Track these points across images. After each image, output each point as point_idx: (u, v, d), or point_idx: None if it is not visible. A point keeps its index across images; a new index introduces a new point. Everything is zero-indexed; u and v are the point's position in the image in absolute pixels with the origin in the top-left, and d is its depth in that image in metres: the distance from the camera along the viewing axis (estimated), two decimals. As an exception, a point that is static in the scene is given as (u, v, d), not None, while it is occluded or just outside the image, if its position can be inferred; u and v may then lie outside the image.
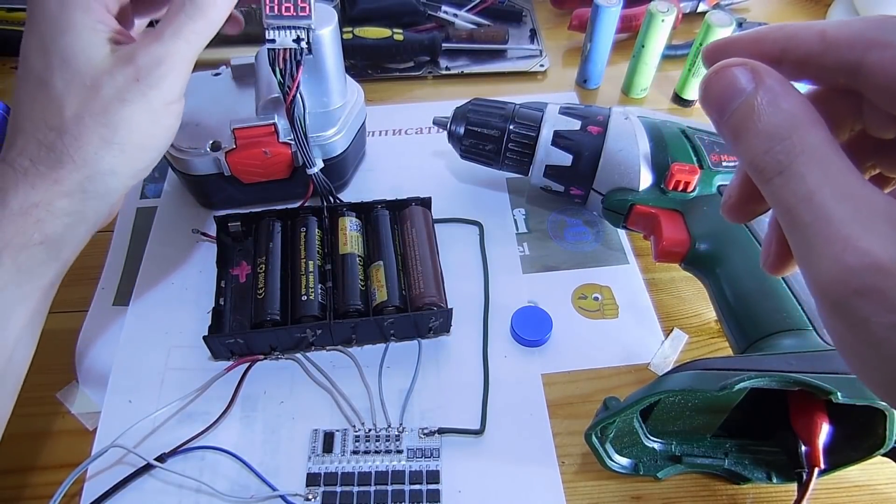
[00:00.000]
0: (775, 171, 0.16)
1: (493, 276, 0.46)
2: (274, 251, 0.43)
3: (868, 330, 0.15)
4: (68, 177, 0.29)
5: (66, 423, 0.39)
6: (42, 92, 0.29)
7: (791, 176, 0.16)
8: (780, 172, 0.16)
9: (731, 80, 0.17)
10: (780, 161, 0.16)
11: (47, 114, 0.29)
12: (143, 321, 0.43)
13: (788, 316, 0.34)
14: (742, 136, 0.17)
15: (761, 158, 0.16)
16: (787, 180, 0.16)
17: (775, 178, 0.16)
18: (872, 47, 0.16)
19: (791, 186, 0.16)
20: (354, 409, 0.39)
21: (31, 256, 0.29)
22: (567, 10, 0.66)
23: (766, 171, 0.16)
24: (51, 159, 0.29)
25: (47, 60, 0.29)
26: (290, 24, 0.37)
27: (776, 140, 0.16)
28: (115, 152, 0.30)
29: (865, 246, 0.15)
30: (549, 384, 0.41)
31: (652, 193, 0.42)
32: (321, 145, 0.45)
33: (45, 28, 0.29)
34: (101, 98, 0.29)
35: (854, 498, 0.37)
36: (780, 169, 0.16)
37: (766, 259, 0.21)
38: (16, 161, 0.29)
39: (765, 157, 0.16)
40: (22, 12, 0.61)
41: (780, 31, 0.18)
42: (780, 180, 0.16)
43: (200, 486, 0.36)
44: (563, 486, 0.37)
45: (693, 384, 0.30)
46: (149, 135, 0.31)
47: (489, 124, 0.45)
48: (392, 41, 0.58)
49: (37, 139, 0.29)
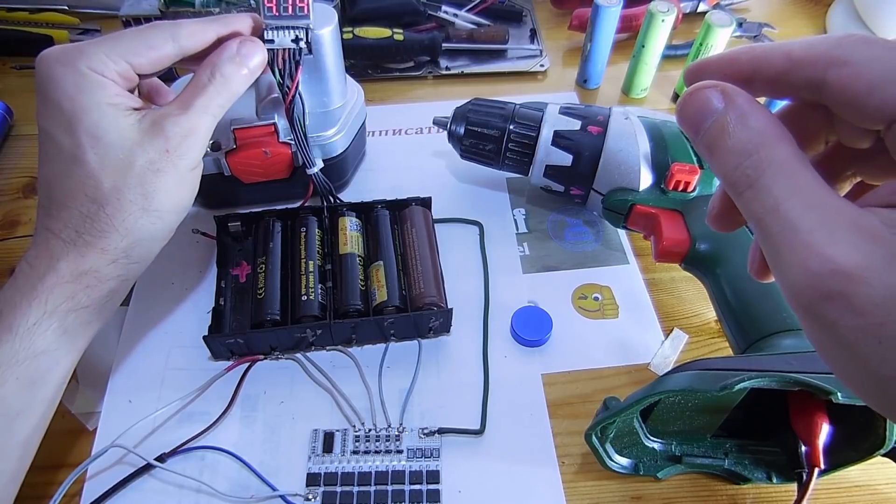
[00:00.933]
0: (745, 185, 0.17)
1: (493, 276, 0.46)
2: (274, 251, 0.43)
3: (838, 333, 0.15)
4: (114, 245, 0.31)
5: (66, 423, 0.39)
6: (77, 167, 0.30)
7: (759, 189, 0.17)
8: (749, 186, 0.17)
9: (704, 101, 0.18)
10: (749, 175, 0.17)
11: (86, 187, 0.30)
12: (143, 321, 0.43)
13: (788, 316, 0.34)
14: (715, 153, 0.18)
15: (732, 173, 0.17)
16: (756, 193, 0.17)
17: (746, 191, 0.17)
18: (832, 65, 0.17)
19: (760, 199, 0.17)
20: (354, 409, 0.39)
21: (78, 318, 0.31)
22: (567, 10, 0.66)
23: (738, 184, 0.17)
24: (96, 229, 0.30)
25: (76, 139, 0.30)
26: (288, 24, 0.37)
27: (744, 156, 0.17)
28: (153, 219, 0.32)
29: (830, 252, 0.15)
30: (549, 384, 0.41)
31: (652, 193, 0.42)
32: (321, 145, 0.45)
33: (68, 109, 0.30)
34: (135, 170, 0.31)
35: (854, 498, 0.37)
36: (749, 183, 0.17)
37: (752, 265, 0.22)
38: (62, 232, 0.30)
39: (735, 171, 0.17)
40: (22, 12, 0.61)
41: (750, 52, 0.19)
42: (750, 193, 0.17)
43: (200, 486, 0.36)
44: (563, 486, 0.37)
45: (693, 384, 0.30)
46: (179, 198, 0.33)
47: (489, 124, 0.45)
48: (392, 41, 0.58)
49: (79, 211, 0.30)
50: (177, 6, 0.59)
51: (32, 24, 0.61)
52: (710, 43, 0.53)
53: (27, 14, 0.61)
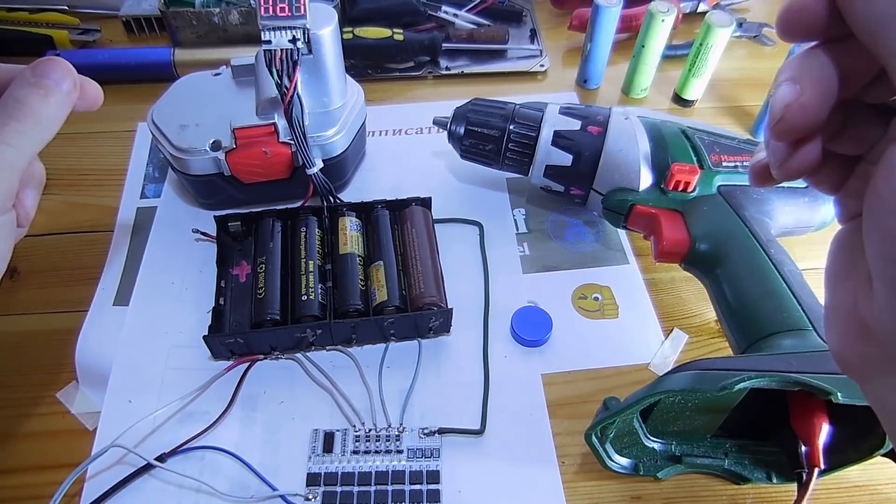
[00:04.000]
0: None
1: (493, 276, 0.46)
2: (274, 251, 0.43)
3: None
4: None
5: (66, 423, 0.39)
6: None
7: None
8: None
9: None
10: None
11: None
12: (143, 321, 0.43)
13: (788, 316, 0.34)
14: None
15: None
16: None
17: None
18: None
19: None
20: (354, 409, 0.39)
21: None
22: (567, 10, 0.66)
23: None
24: None
25: None
26: (285, 24, 0.37)
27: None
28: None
29: None
30: (549, 384, 0.41)
31: (652, 193, 0.42)
32: (321, 145, 0.45)
33: None
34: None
35: (854, 498, 0.37)
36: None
37: (756, 171, 0.20)
38: None
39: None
40: (22, 12, 0.61)
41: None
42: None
43: (200, 486, 0.36)
44: (563, 486, 0.37)
45: (693, 384, 0.30)
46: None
47: (489, 124, 0.45)
48: (392, 41, 0.58)
49: None
50: (177, 6, 0.59)
51: (32, 24, 0.61)
52: (710, 43, 0.53)
53: (27, 14, 0.61)
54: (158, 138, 0.44)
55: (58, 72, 0.28)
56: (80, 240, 0.48)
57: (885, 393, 0.18)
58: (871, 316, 0.17)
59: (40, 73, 0.28)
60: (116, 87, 0.57)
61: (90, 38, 0.62)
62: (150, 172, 0.52)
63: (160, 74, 0.57)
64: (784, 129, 0.17)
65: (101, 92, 0.31)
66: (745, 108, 0.59)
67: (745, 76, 0.62)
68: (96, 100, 0.31)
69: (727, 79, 0.61)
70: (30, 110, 0.27)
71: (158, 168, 0.53)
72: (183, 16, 0.58)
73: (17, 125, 0.27)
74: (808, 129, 0.17)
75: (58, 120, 0.28)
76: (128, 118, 0.56)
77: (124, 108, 0.56)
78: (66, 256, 0.47)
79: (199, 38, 0.60)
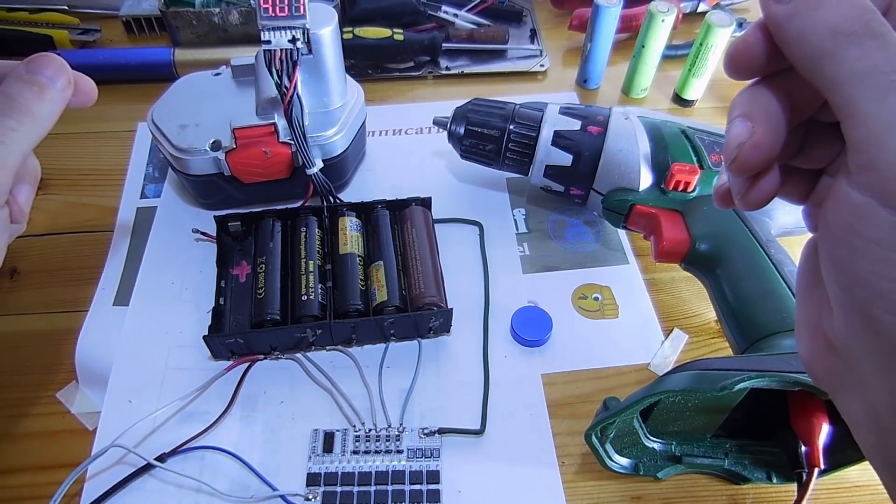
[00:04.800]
0: (867, 35, 0.15)
1: (493, 276, 0.46)
2: (274, 251, 0.43)
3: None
4: None
5: (66, 423, 0.39)
6: None
7: (885, 43, 0.15)
8: (872, 36, 0.15)
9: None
10: (873, 27, 0.15)
11: None
12: (143, 321, 0.43)
13: (788, 316, 0.34)
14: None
15: (850, 23, 0.15)
16: (881, 45, 0.15)
17: (868, 41, 0.15)
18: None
19: (886, 50, 0.15)
20: (354, 409, 0.39)
21: None
22: (567, 10, 0.66)
23: (855, 34, 0.15)
24: None
25: None
26: (285, 24, 0.37)
27: (865, 9, 0.15)
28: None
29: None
30: (549, 384, 0.41)
31: (652, 193, 0.42)
32: (321, 145, 0.45)
33: None
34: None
35: (854, 498, 0.37)
36: (872, 33, 0.15)
37: (719, 194, 0.21)
38: None
39: (856, 21, 0.15)
40: (22, 12, 0.61)
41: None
42: (873, 44, 0.15)
43: (200, 486, 0.36)
44: (563, 486, 0.37)
45: (693, 384, 0.30)
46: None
47: (489, 124, 0.45)
48: (392, 41, 0.58)
49: None
50: (177, 6, 0.59)
51: (32, 24, 0.61)
52: (710, 43, 0.53)
53: (27, 14, 0.61)
54: (158, 138, 0.44)
55: (52, 68, 0.28)
56: (80, 240, 0.48)
57: (850, 406, 0.18)
58: (831, 333, 0.17)
59: (34, 69, 0.28)
60: (116, 87, 0.58)
61: (90, 38, 0.62)
62: (150, 172, 0.52)
63: (160, 74, 0.57)
64: (740, 167, 0.18)
65: (95, 88, 0.30)
66: (745, 108, 0.59)
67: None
68: (90, 95, 0.30)
69: (727, 79, 0.60)
70: (23, 107, 0.27)
71: (158, 168, 0.53)
72: (183, 16, 0.58)
73: (10, 122, 0.27)
74: (763, 165, 0.18)
75: (52, 117, 0.28)
76: (128, 118, 0.56)
77: (124, 108, 0.56)
78: (66, 256, 0.47)
79: (199, 38, 0.60)
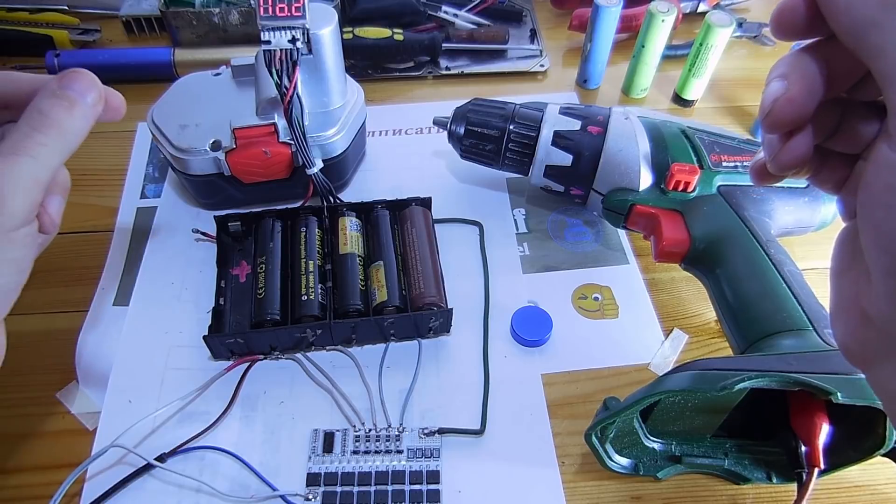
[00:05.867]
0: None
1: (493, 276, 0.46)
2: (274, 251, 0.43)
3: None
4: None
5: (66, 423, 0.39)
6: None
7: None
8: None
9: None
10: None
11: None
12: (143, 321, 0.43)
13: (788, 316, 0.34)
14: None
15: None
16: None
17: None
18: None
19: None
20: (354, 409, 0.39)
21: None
22: (567, 10, 0.66)
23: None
24: None
25: None
26: (284, 24, 0.37)
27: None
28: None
29: None
30: (549, 384, 0.41)
31: (652, 193, 0.42)
32: (321, 145, 0.45)
33: None
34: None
35: (854, 498, 0.37)
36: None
37: (757, 170, 0.21)
38: None
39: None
40: (22, 12, 0.61)
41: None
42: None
43: (200, 486, 0.36)
44: (563, 486, 0.37)
45: (693, 384, 0.30)
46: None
47: (489, 124, 0.45)
48: (392, 41, 0.58)
49: None
50: (177, 6, 0.59)
51: (32, 24, 0.61)
52: (710, 43, 0.53)
53: (27, 14, 0.61)
54: (158, 138, 0.44)
55: (83, 83, 0.28)
56: (80, 240, 0.48)
57: (885, 377, 0.19)
58: (870, 304, 0.18)
59: (65, 84, 0.28)
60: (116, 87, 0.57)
61: (90, 38, 0.62)
62: (150, 172, 0.52)
63: (160, 74, 0.57)
64: (773, 121, 0.18)
65: (125, 102, 0.31)
66: (745, 108, 0.59)
67: (745, 76, 0.62)
68: (119, 110, 0.31)
69: (727, 79, 0.61)
70: (54, 122, 0.27)
71: (158, 168, 0.53)
72: (183, 16, 0.58)
73: (41, 137, 0.27)
74: (796, 121, 0.18)
75: (82, 132, 0.28)
76: (128, 118, 0.54)
77: None
78: (66, 256, 0.47)
79: (199, 38, 0.60)
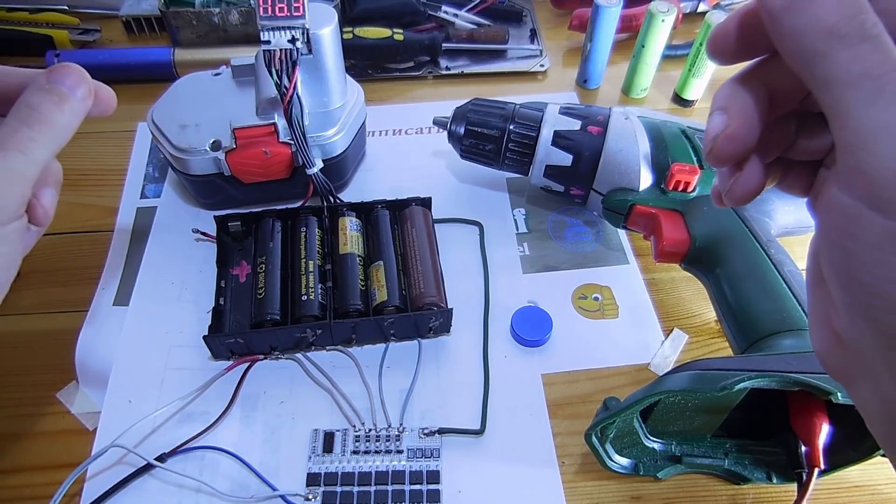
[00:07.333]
0: (860, 38, 0.15)
1: (493, 276, 0.46)
2: (274, 251, 0.43)
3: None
4: None
5: (66, 423, 0.39)
6: None
7: (879, 45, 0.15)
8: (865, 39, 0.15)
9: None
10: (867, 29, 0.15)
11: None
12: (143, 321, 0.43)
13: (788, 316, 0.34)
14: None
15: (844, 23, 0.15)
16: (875, 48, 0.15)
17: (860, 44, 0.15)
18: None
19: (879, 53, 0.15)
20: (354, 409, 0.39)
21: None
22: (567, 10, 0.66)
23: (849, 36, 0.15)
24: None
25: None
26: (284, 24, 0.37)
27: (861, 9, 0.15)
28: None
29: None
30: (549, 384, 0.41)
31: (652, 193, 0.42)
32: (321, 145, 0.45)
33: None
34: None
35: (854, 498, 0.37)
36: (865, 35, 0.15)
37: (718, 194, 0.21)
38: None
39: (850, 21, 0.15)
40: (22, 12, 0.61)
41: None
42: (867, 47, 0.15)
43: (200, 486, 0.36)
44: (563, 486, 0.37)
45: (693, 384, 0.30)
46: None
47: (489, 124, 0.45)
48: (392, 41, 0.58)
49: None
50: (177, 6, 0.59)
51: (32, 24, 0.61)
52: (710, 43, 0.53)
53: (27, 14, 0.61)
54: (158, 138, 0.44)
55: (72, 78, 0.28)
56: (80, 240, 0.48)
57: (864, 396, 0.18)
58: (839, 327, 0.18)
59: (55, 79, 0.27)
60: (116, 87, 0.56)
61: (90, 38, 0.62)
62: (150, 172, 0.52)
63: (160, 74, 0.57)
64: (716, 158, 0.19)
65: (115, 97, 0.31)
66: (745, 108, 0.59)
67: (745, 76, 0.62)
68: (110, 105, 0.30)
69: (727, 79, 0.61)
70: (43, 117, 0.27)
71: (158, 168, 0.53)
72: (183, 16, 0.58)
73: (29, 132, 0.27)
74: (738, 156, 0.18)
75: (71, 127, 0.28)
76: (128, 118, 0.56)
77: (124, 108, 0.55)
78: (66, 256, 0.47)
79: (199, 38, 0.60)
